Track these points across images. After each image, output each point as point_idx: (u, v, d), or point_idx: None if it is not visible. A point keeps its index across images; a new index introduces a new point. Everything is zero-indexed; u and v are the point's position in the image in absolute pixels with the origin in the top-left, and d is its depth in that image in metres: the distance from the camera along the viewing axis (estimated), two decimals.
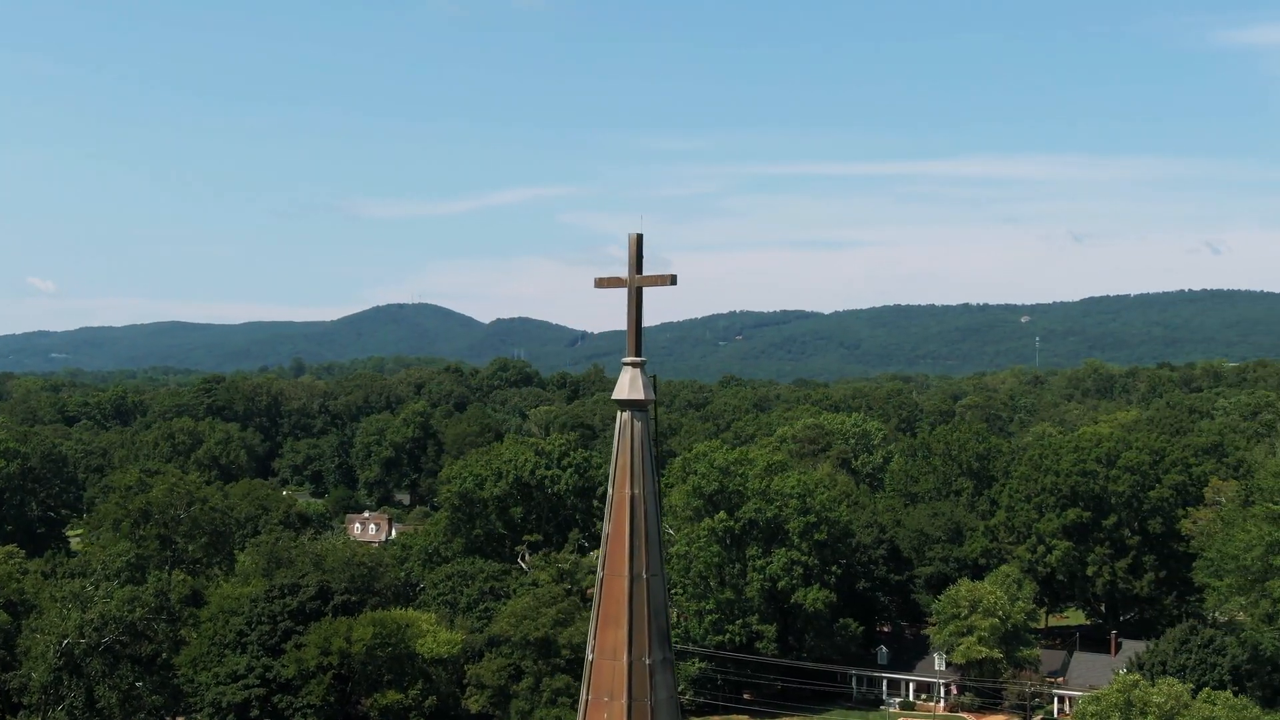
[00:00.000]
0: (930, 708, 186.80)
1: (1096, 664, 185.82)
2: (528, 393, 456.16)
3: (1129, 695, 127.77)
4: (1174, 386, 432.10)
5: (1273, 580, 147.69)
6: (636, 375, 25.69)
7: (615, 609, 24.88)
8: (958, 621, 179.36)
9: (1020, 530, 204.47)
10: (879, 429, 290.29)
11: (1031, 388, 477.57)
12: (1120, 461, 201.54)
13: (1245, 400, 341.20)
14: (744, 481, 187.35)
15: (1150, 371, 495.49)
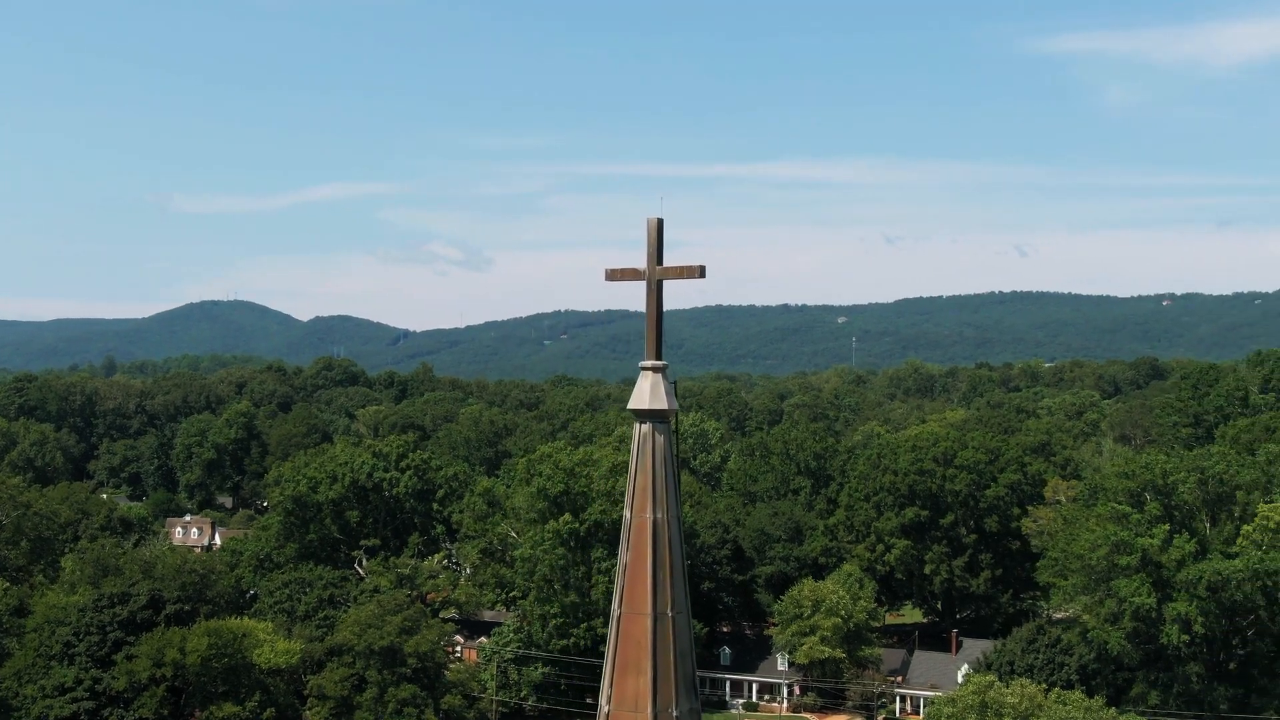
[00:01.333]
0: (773, 708, 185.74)
1: (937, 662, 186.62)
2: (354, 392, 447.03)
3: (984, 697, 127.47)
4: (993, 386, 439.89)
5: (1117, 580, 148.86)
6: (658, 382, 22.36)
7: (636, 653, 21.49)
8: (800, 621, 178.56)
9: (860, 529, 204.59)
10: (716, 428, 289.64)
11: (855, 387, 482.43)
12: (957, 460, 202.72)
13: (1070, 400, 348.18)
14: (589, 483, 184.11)
15: (969, 371, 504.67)
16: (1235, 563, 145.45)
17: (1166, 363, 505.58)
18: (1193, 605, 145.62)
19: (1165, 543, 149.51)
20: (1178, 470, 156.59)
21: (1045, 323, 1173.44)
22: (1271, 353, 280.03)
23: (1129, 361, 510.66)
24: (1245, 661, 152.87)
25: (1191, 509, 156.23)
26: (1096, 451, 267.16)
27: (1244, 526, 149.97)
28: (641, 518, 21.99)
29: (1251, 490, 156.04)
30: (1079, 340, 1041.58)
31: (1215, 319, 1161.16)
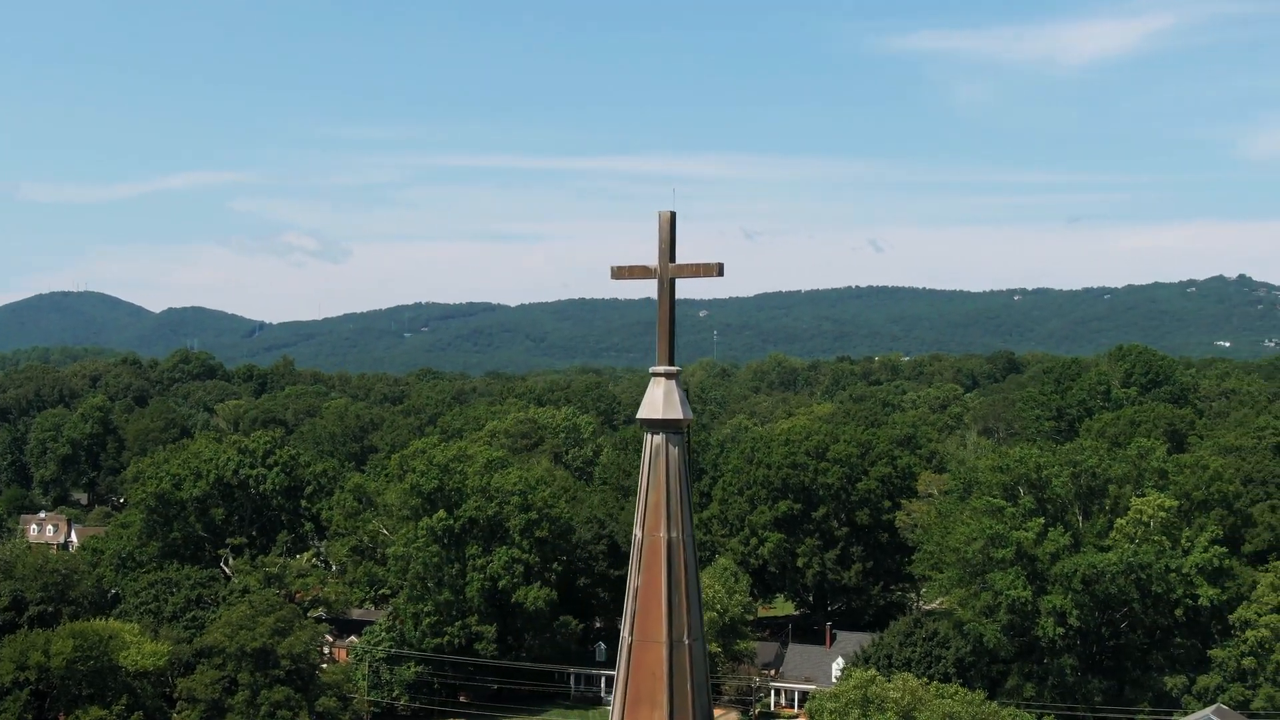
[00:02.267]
0: None
1: (811, 655, 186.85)
2: (212, 386, 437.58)
3: (866, 691, 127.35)
4: (855, 379, 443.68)
5: (993, 573, 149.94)
6: (672, 389, 20.63)
7: (650, 684, 19.68)
8: None
9: (733, 523, 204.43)
10: (589, 422, 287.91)
11: (720, 380, 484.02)
12: (829, 454, 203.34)
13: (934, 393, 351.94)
14: (464, 479, 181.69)
15: (831, 364, 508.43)
16: (1109, 556, 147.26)
17: (1022, 356, 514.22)
18: (1067, 598, 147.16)
19: (1040, 536, 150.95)
20: (1051, 464, 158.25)
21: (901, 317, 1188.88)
22: (1133, 347, 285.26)
23: (986, 355, 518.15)
24: (1118, 654, 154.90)
25: (1064, 502, 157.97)
26: (961, 444, 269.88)
27: (1117, 520, 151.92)
28: (655, 537, 20.24)
29: (1123, 484, 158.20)
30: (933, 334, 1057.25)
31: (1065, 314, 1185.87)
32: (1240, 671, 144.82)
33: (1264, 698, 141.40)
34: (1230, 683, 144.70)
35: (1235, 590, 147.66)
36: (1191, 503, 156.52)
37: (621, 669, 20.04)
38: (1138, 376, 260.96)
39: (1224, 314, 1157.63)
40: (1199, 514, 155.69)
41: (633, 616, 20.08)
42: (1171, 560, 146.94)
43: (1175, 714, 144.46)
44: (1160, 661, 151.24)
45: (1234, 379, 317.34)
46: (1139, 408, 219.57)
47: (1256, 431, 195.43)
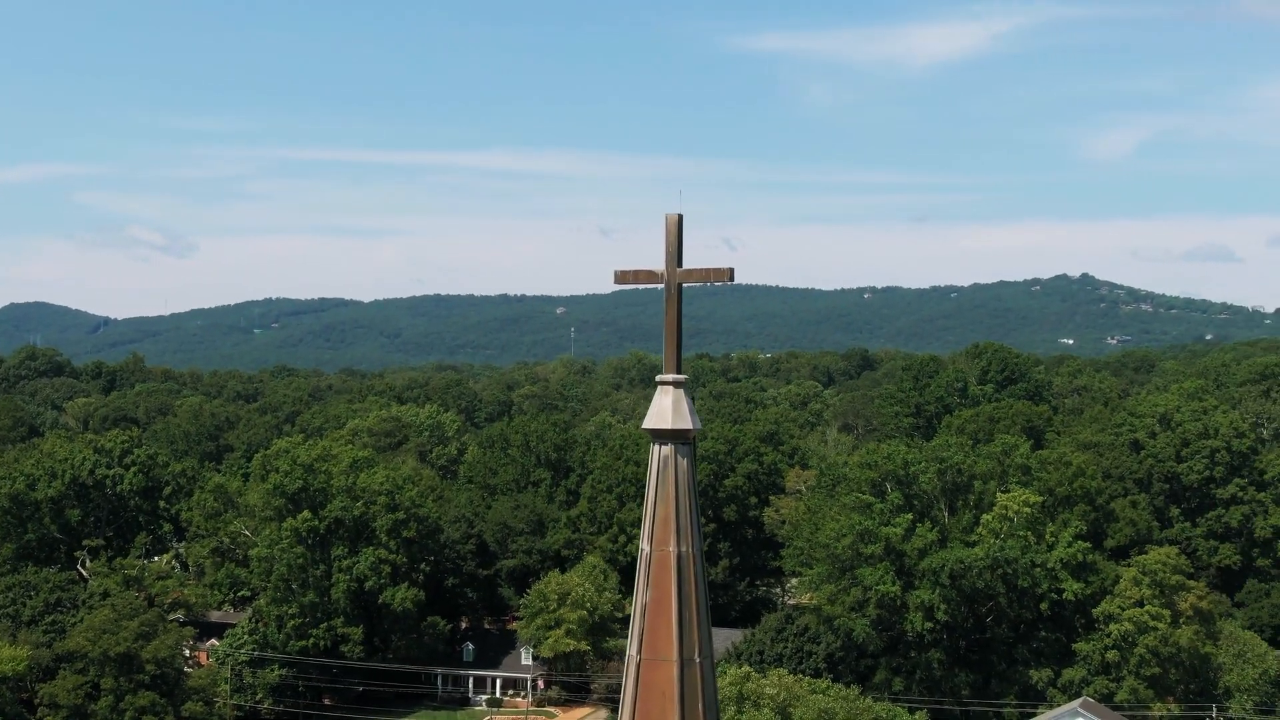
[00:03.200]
0: (518, 703, 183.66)
1: None
2: (60, 383, 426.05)
3: (741, 688, 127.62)
4: (715, 376, 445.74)
5: (862, 568, 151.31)
6: (680, 399, 20.05)
7: (660, 704, 18.98)
8: (545, 615, 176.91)
9: (602, 520, 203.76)
10: (453, 420, 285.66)
11: (581, 377, 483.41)
12: (697, 451, 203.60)
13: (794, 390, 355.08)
14: (329, 479, 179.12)
15: (691, 361, 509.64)
16: (975, 551, 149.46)
17: (876, 353, 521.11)
18: (935, 593, 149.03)
19: (908, 532, 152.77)
20: (918, 460, 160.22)
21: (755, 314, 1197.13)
22: (988, 345, 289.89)
23: (841, 353, 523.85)
24: (984, 648, 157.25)
25: (931, 498, 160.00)
26: (822, 441, 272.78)
27: (983, 515, 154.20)
28: (664, 551, 19.57)
29: (988, 480, 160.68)
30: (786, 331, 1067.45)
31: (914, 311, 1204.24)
32: (1104, 665, 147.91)
33: (1128, 690, 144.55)
34: (1094, 676, 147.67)
35: (1098, 584, 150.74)
36: (1055, 498, 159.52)
37: (629, 688, 19.32)
38: (993, 374, 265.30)
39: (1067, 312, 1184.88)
40: (1063, 509, 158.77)
41: (641, 634, 19.36)
42: (1036, 555, 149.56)
43: (1041, 707, 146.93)
44: (1025, 655, 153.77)
45: (1085, 376, 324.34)
46: (997, 405, 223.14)
47: (1114, 428, 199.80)
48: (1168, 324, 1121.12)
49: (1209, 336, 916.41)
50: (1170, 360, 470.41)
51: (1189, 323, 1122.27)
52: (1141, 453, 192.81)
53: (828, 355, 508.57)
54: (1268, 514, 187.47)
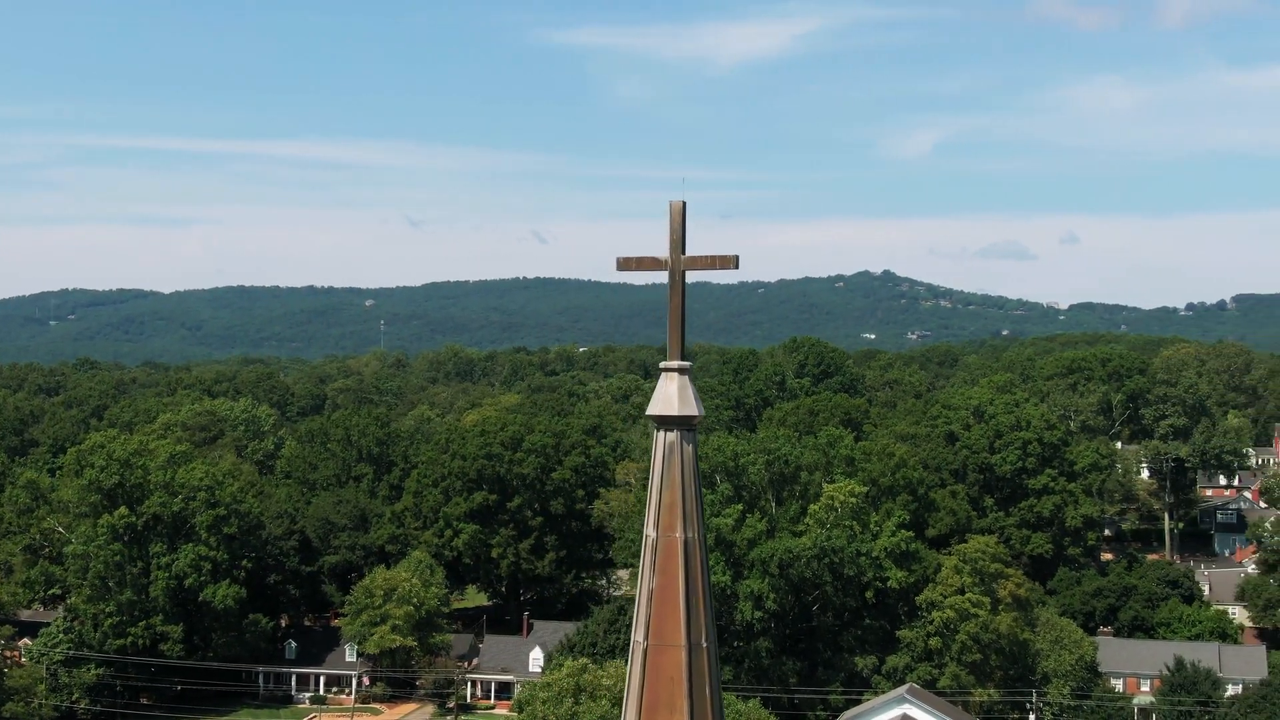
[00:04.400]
0: (342, 700, 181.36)
1: (508, 646, 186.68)
2: None
3: (579, 680, 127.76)
4: (533, 369, 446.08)
5: None
6: (685, 385, 20.03)
7: (668, 690, 18.98)
8: (371, 611, 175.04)
9: (427, 515, 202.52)
10: (269, 414, 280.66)
11: (396, 371, 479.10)
12: (524, 444, 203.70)
13: (615, 384, 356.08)
14: (146, 474, 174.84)
15: (508, 355, 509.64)
16: (803, 540, 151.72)
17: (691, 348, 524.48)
18: (764, 582, 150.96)
19: (737, 522, 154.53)
20: (746, 452, 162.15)
21: (567, 308, 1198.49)
22: (806, 339, 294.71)
23: (656, 346, 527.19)
24: (811, 636, 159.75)
25: (759, 489, 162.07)
26: (645, 434, 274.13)
27: (810, 506, 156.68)
28: (670, 537, 19.59)
29: (814, 471, 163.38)
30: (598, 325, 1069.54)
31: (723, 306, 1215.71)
32: (927, 651, 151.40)
33: (950, 676, 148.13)
34: (918, 662, 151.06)
35: (921, 573, 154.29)
36: (879, 489, 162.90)
37: (635, 674, 19.29)
38: (810, 368, 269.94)
39: (870, 307, 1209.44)
40: (886, 499, 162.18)
41: (648, 620, 19.33)
42: (861, 544, 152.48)
43: (866, 694, 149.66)
44: (851, 642, 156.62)
45: (895, 370, 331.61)
46: (816, 398, 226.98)
47: (930, 421, 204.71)
48: (966, 319, 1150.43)
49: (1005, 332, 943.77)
50: (972, 355, 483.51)
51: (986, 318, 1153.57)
52: (957, 444, 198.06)
53: (644, 349, 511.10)
54: (1078, 504, 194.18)
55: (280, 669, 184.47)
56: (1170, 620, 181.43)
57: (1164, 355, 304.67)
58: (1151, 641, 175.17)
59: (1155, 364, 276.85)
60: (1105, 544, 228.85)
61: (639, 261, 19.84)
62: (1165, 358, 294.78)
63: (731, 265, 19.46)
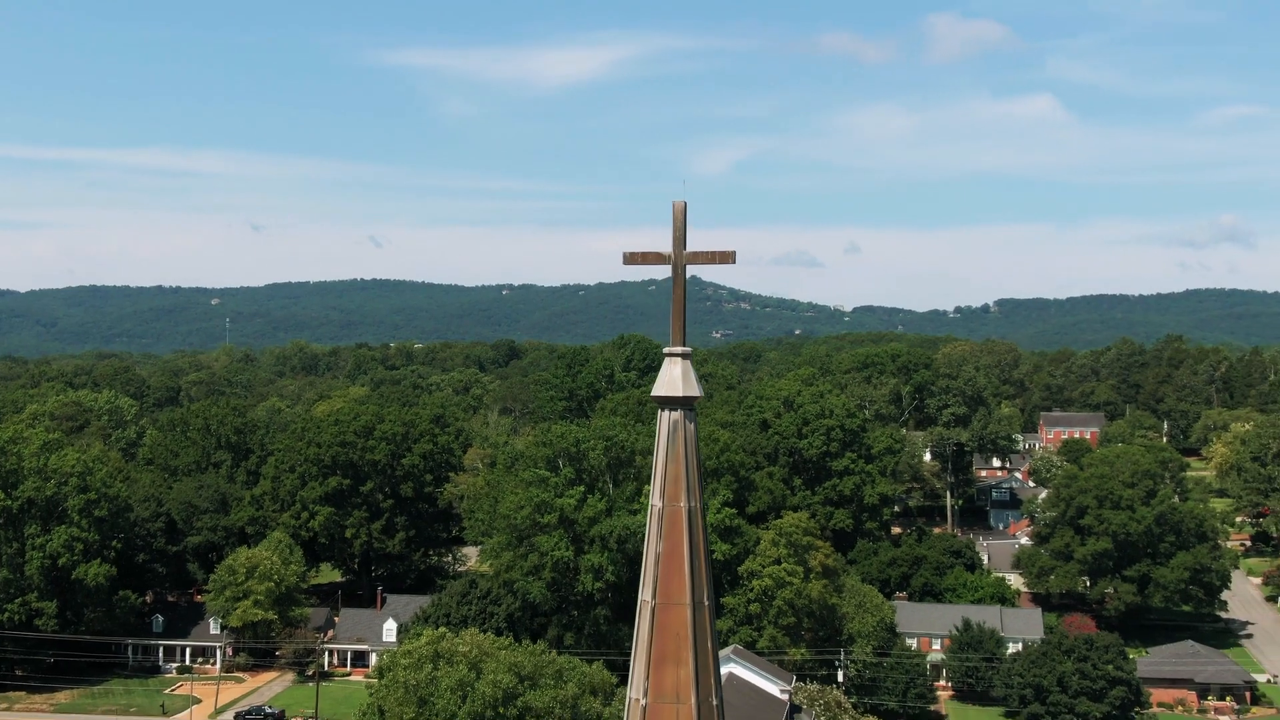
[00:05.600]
0: (208, 670, 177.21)
1: (362, 618, 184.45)
2: None
3: (437, 647, 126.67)
4: (375, 364, 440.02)
5: (539, 536, 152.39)
6: (688, 368, 20.13)
7: (674, 644, 19.08)
8: (234, 587, 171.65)
9: (285, 499, 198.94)
10: (131, 405, 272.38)
11: (245, 365, 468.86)
12: (376, 433, 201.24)
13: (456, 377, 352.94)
14: (20, 460, 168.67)
15: (352, 350, 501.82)
16: (638, 518, 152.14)
17: (521, 344, 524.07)
18: (604, 556, 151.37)
19: (579, 502, 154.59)
20: (587, 438, 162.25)
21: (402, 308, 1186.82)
22: (632, 336, 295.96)
23: (490, 343, 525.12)
24: None
25: (599, 472, 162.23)
26: (485, 423, 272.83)
27: (644, 486, 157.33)
28: (675, 506, 19.66)
29: (647, 455, 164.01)
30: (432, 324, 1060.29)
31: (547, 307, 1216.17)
32: (748, 616, 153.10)
33: (768, 638, 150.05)
34: (740, 625, 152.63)
35: (743, 545, 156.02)
36: (705, 470, 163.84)
37: (644, 631, 19.35)
38: (637, 362, 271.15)
39: None
40: (712, 480, 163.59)
41: (655, 581, 19.41)
42: None
43: None
44: None
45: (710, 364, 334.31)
46: (644, 389, 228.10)
47: (745, 410, 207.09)
48: (763, 320, 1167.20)
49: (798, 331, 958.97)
50: (772, 351, 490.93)
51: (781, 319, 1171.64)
52: (769, 431, 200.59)
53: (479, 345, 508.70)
54: (875, 484, 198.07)
55: (148, 641, 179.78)
56: (956, 586, 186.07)
57: (944, 351, 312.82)
58: (941, 605, 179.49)
59: (938, 359, 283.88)
60: (896, 519, 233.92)
61: (644, 256, 19.94)
62: (946, 354, 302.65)
63: (730, 260, 19.60)
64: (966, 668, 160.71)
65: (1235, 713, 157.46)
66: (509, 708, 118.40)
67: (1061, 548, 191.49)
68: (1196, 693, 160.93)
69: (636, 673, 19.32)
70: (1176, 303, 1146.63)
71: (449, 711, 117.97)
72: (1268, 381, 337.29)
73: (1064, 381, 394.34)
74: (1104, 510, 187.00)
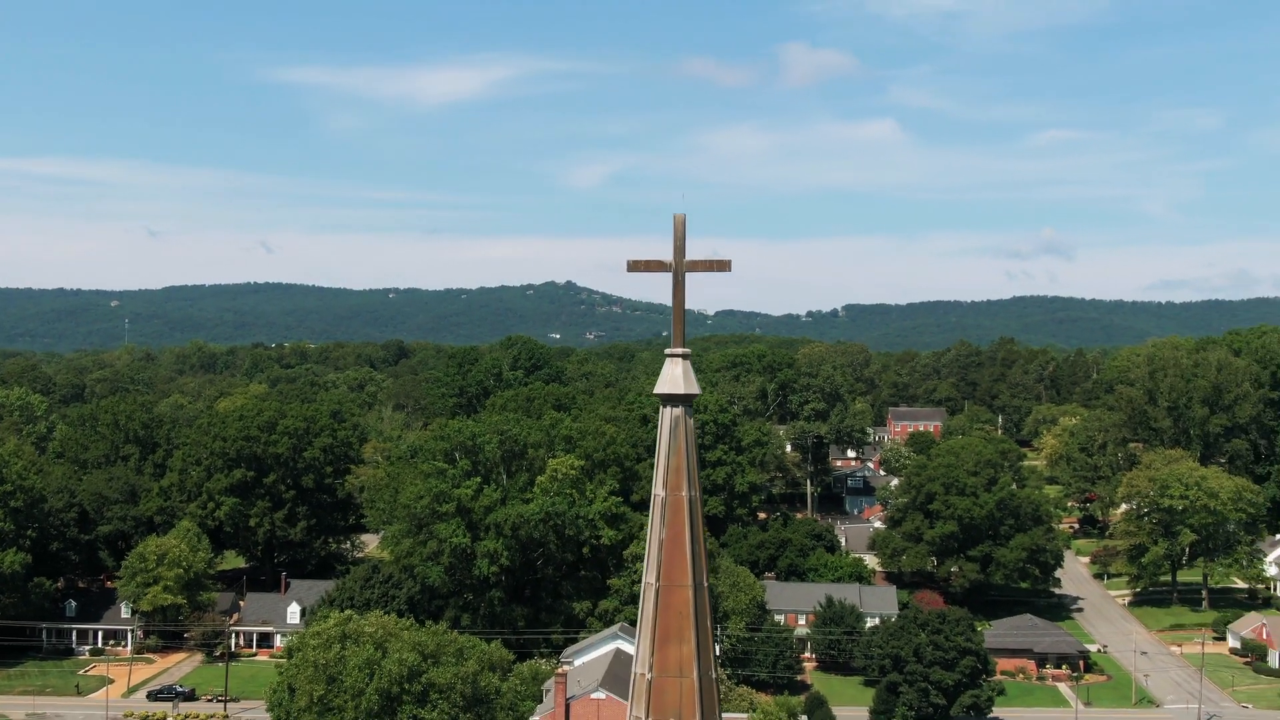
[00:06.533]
0: (119, 652, 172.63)
1: (267, 602, 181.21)
2: None
3: (344, 629, 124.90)
4: (271, 363, 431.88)
5: (438, 524, 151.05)
6: (687, 368, 20.10)
7: (678, 623, 19.10)
8: (145, 574, 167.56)
9: (191, 490, 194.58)
10: (42, 401, 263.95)
11: (146, 363, 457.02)
12: (279, 428, 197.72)
13: (352, 375, 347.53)
14: None
15: (248, 350, 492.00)
16: (530, 506, 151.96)
17: (410, 344, 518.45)
18: (499, 542, 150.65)
19: (476, 492, 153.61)
20: (483, 432, 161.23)
21: (294, 309, 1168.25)
22: (519, 337, 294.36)
23: (380, 343, 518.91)
24: (536, 586, 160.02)
25: (493, 464, 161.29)
26: (380, 418, 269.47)
27: (537, 477, 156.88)
28: (677, 495, 19.64)
29: (538, 448, 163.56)
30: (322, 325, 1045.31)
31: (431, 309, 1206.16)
32: (632, 596, 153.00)
33: None
34: (624, 605, 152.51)
35: (628, 531, 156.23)
36: (593, 462, 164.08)
37: (649, 611, 19.34)
38: (523, 361, 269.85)
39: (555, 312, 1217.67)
40: (599, 471, 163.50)
41: (659, 564, 19.41)
42: (580, 509, 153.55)
43: (582, 633, 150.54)
44: (570, 590, 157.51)
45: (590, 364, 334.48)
46: (531, 387, 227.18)
47: (626, 405, 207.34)
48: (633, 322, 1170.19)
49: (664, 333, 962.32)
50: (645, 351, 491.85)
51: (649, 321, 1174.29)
52: (649, 424, 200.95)
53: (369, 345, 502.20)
54: (744, 473, 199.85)
55: (62, 625, 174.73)
56: (818, 566, 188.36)
57: (804, 352, 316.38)
58: (805, 584, 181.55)
59: (799, 359, 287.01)
60: (763, 505, 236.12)
61: (646, 264, 19.95)
62: (805, 354, 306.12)
63: (726, 268, 19.73)
64: (830, 641, 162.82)
65: (1070, 680, 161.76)
66: (414, 684, 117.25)
67: (912, 530, 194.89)
68: (1035, 661, 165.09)
69: (642, 650, 19.31)
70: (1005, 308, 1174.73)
71: (357, 688, 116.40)
72: (1091, 379, 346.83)
73: (909, 379, 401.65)
74: (950, 496, 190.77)
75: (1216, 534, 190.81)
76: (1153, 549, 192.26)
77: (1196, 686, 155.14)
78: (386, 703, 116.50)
